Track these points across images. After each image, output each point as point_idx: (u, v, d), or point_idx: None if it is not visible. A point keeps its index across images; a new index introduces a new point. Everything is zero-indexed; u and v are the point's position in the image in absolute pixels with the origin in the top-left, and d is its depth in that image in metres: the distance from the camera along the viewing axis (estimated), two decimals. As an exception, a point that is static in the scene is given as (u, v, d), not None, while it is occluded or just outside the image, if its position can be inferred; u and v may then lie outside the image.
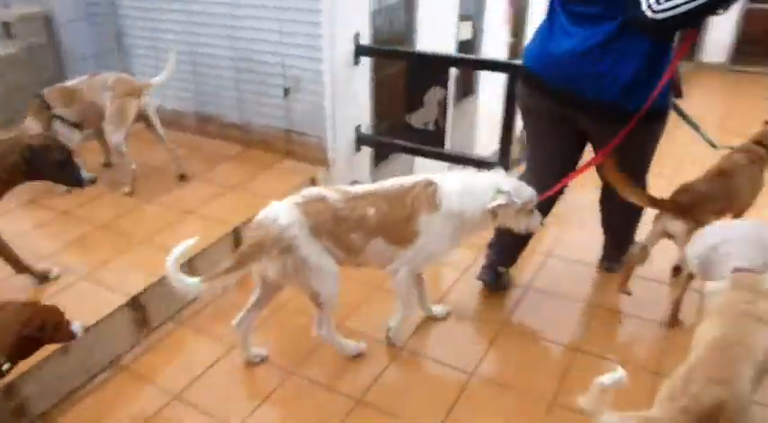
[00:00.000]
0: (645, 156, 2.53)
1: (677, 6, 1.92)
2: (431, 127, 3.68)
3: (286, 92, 3.71)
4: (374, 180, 4.30)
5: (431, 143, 3.74)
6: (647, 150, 2.50)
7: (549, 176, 2.53)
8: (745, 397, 1.52)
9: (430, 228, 2.25)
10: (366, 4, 3.74)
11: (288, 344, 2.59)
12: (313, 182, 3.65)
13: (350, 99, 3.76)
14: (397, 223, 2.23)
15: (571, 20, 2.23)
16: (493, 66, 3.78)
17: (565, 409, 2.23)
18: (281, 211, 2.15)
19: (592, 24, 2.17)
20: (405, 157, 4.56)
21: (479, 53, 5.43)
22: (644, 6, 1.97)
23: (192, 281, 2.06)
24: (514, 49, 6.41)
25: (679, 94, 2.47)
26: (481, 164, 3.56)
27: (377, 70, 4.01)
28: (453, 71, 3.70)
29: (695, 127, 2.62)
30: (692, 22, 2.04)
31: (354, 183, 2.72)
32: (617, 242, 2.92)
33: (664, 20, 1.96)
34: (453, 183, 2.28)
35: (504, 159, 3.48)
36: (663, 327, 2.62)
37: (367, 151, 4.16)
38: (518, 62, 2.77)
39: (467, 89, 5.73)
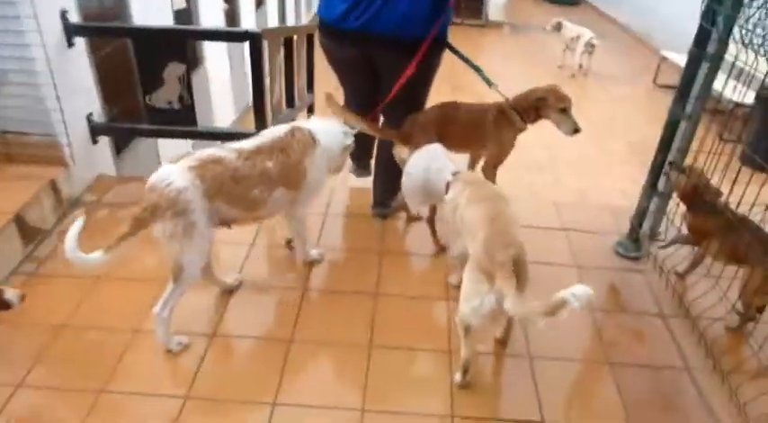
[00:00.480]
0: (426, 85, 2.95)
1: None
2: (175, 105, 3.45)
3: (-10, 87, 3.12)
4: (119, 171, 3.94)
5: (179, 122, 3.51)
6: (429, 79, 2.93)
7: (361, 107, 2.92)
8: (524, 249, 2.03)
9: (314, 164, 2.50)
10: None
11: (86, 365, 2.31)
12: (54, 186, 3.19)
13: (73, 86, 3.31)
14: (293, 168, 2.42)
15: None
16: (231, 36, 3.65)
17: (381, 348, 2.40)
18: (175, 175, 2.14)
19: None
20: (149, 141, 4.22)
21: (198, 22, 5.19)
22: None
23: (95, 256, 2.04)
24: (231, 16, 6.27)
25: None
26: (239, 136, 3.49)
27: (95, 51, 3.60)
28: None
29: (473, 66, 2.99)
30: None
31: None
32: (388, 186, 3.16)
33: None
34: (318, 125, 2.58)
35: (260, 127, 3.45)
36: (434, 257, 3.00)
37: (106, 141, 3.74)
38: (256, 30, 2.83)
39: (194, 61, 5.47)
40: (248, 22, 6.80)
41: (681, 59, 8.28)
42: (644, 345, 2.57)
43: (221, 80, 5.96)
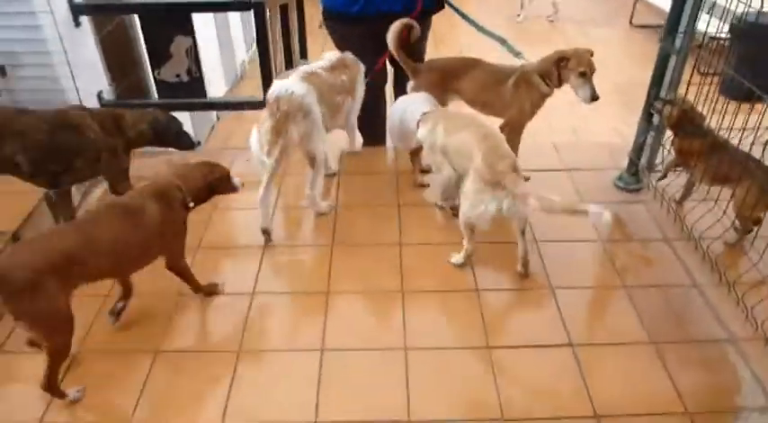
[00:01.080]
0: (418, 45, 3.36)
1: None
2: (185, 78, 3.54)
3: (2, 71, 3.18)
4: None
5: (189, 95, 3.60)
6: (420, 40, 3.32)
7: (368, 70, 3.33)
8: (516, 158, 2.50)
9: (360, 81, 3.19)
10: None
11: (140, 328, 2.46)
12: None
13: (83, 65, 3.39)
14: (353, 81, 3.08)
15: None
16: (232, 5, 3.71)
17: (413, 293, 2.61)
18: (294, 85, 2.66)
19: None
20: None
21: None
22: None
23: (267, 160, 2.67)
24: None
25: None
26: (247, 105, 3.59)
27: (99, 29, 3.64)
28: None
29: (497, 38, 3.32)
30: None
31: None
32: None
33: None
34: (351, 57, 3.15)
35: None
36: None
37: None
38: None
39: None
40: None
41: (656, -1, 8.43)
42: (653, 268, 2.80)
43: (211, 53, 5.98)
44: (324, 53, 3.13)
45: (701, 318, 2.51)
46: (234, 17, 6.61)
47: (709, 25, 2.92)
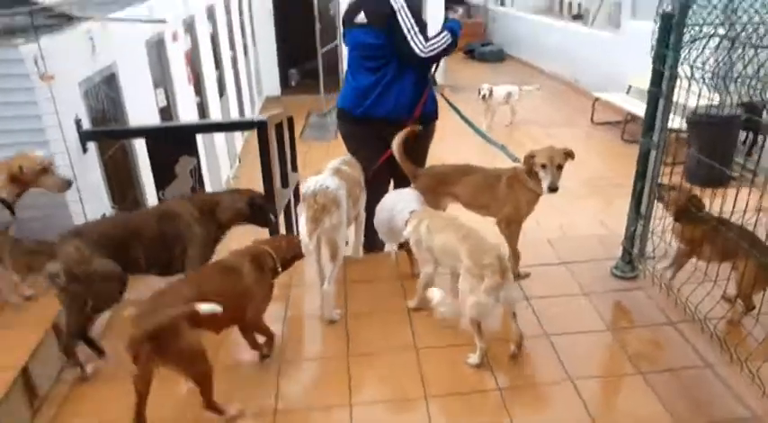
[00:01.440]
0: (420, 150, 3.62)
1: (436, 48, 3.29)
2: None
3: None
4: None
5: (192, 212, 3.68)
6: (421, 146, 3.61)
7: (369, 166, 3.57)
8: (499, 248, 2.71)
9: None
10: (76, 87, 3.50)
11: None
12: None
13: (90, 189, 3.47)
14: (360, 178, 3.40)
15: (365, 71, 3.45)
16: (239, 126, 3.91)
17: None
18: (327, 180, 2.98)
19: (377, 71, 3.42)
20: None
21: (177, 116, 5.42)
22: (417, 50, 3.27)
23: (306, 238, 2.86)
24: (201, 108, 6.55)
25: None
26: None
27: (102, 154, 3.78)
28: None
29: (497, 145, 3.56)
30: (445, 55, 3.36)
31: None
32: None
33: (430, 57, 3.30)
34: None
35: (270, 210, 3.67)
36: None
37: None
38: (263, 118, 3.21)
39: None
40: (215, 110, 7.10)
41: (612, 99, 9.08)
42: (664, 352, 2.86)
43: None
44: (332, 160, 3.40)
45: (720, 398, 2.55)
46: (219, 137, 6.86)
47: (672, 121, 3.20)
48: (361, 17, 3.37)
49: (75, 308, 2.68)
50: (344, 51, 11.89)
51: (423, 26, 3.30)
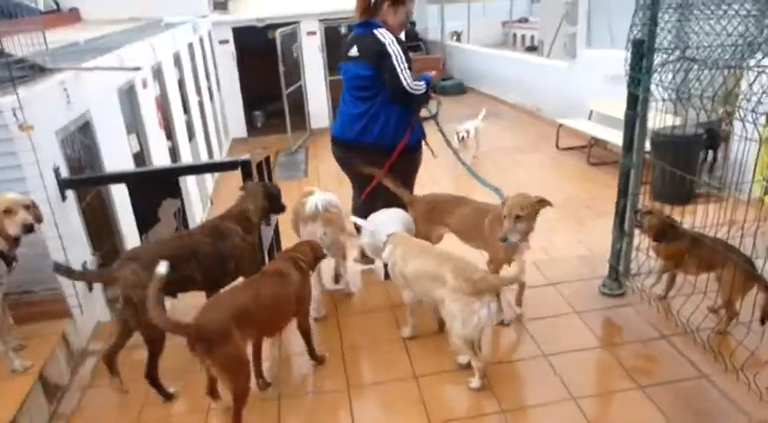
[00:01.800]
0: (408, 177, 3.76)
1: (417, 90, 3.53)
2: (172, 240, 3.59)
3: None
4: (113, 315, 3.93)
5: (177, 255, 3.63)
6: (409, 173, 3.78)
7: (357, 191, 3.92)
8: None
9: None
10: (53, 136, 3.46)
11: None
12: (65, 339, 3.20)
13: (70, 238, 3.39)
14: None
15: (355, 101, 3.66)
16: (222, 166, 3.89)
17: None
18: (329, 196, 3.44)
19: (366, 101, 3.61)
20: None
21: (151, 161, 5.38)
22: (404, 84, 3.47)
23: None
24: (173, 152, 6.51)
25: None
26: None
27: (80, 201, 3.71)
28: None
29: (490, 187, 3.61)
30: (418, 99, 3.63)
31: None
32: None
33: (411, 94, 3.52)
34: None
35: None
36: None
37: (98, 287, 3.76)
38: (246, 157, 3.26)
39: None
40: (185, 153, 7.07)
41: (575, 124, 9.35)
42: (660, 365, 2.90)
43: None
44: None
45: (719, 407, 2.60)
46: (191, 180, 6.80)
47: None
48: (354, 51, 3.60)
49: (125, 332, 2.83)
50: (308, 91, 12.06)
51: (410, 63, 3.53)
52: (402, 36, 3.70)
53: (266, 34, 11.67)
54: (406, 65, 3.48)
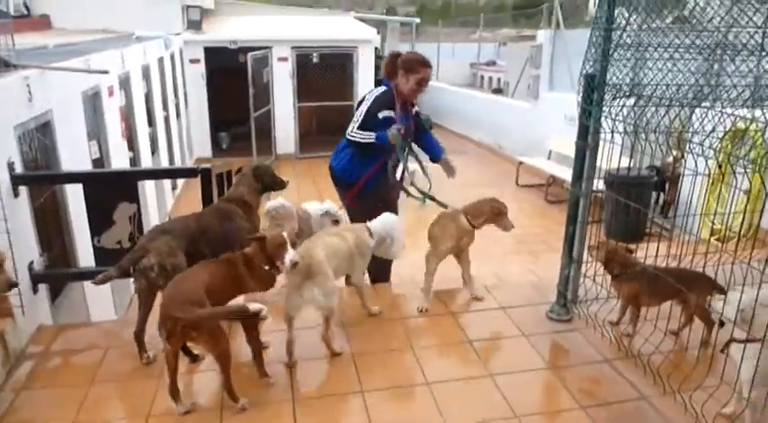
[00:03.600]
0: (359, 211, 3.94)
1: (356, 138, 3.84)
2: (126, 244, 3.54)
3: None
4: (55, 318, 3.83)
5: (129, 260, 3.57)
6: (362, 207, 3.95)
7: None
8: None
9: None
10: (11, 130, 3.41)
11: None
12: (2, 339, 3.10)
13: (19, 235, 3.32)
14: None
15: None
16: (182, 173, 3.88)
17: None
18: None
19: None
20: (77, 286, 4.18)
21: (111, 167, 5.30)
22: (347, 130, 3.88)
23: None
24: (134, 163, 6.44)
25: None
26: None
27: (33, 199, 3.65)
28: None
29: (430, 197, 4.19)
30: (365, 147, 3.85)
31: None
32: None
33: (352, 141, 3.86)
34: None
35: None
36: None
37: (43, 289, 3.68)
38: (207, 166, 3.28)
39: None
40: (147, 166, 6.98)
41: (535, 162, 9.62)
42: (603, 387, 2.97)
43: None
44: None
45: (657, 428, 2.67)
46: (150, 193, 6.73)
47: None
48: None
49: (150, 302, 3.05)
50: (276, 116, 12.12)
51: (367, 120, 3.85)
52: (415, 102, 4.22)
53: (238, 57, 11.76)
54: (359, 119, 3.84)
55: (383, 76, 4.05)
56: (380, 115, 3.83)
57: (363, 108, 3.88)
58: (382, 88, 3.99)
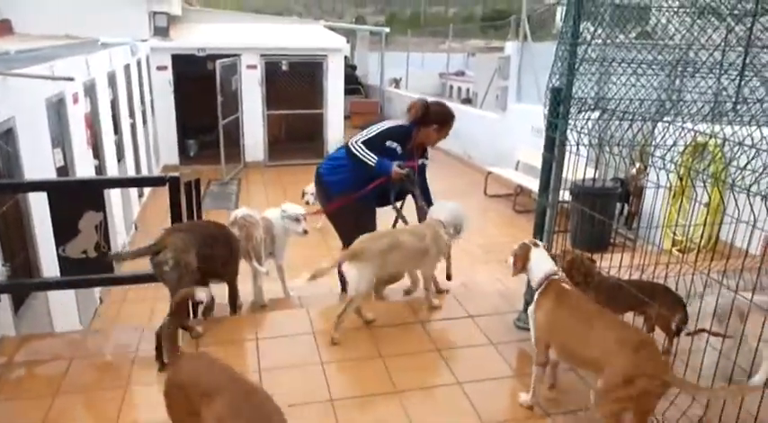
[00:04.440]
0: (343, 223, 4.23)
1: (359, 153, 3.94)
2: (92, 254, 3.47)
3: None
4: (18, 329, 3.75)
5: (96, 270, 3.52)
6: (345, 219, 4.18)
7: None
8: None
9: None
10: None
11: None
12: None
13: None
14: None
15: None
16: (149, 181, 3.83)
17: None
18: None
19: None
20: (41, 296, 4.08)
21: (75, 175, 5.21)
22: (352, 140, 3.95)
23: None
24: (99, 171, 6.33)
25: None
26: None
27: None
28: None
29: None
30: (362, 163, 3.95)
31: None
32: None
33: (350, 150, 3.96)
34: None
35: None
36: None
37: (5, 299, 3.59)
38: (175, 175, 3.27)
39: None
40: (113, 174, 6.86)
41: (503, 173, 9.75)
42: (568, 394, 3.03)
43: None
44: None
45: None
46: (116, 203, 6.61)
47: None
48: None
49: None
50: (245, 123, 12.05)
51: (375, 140, 4.00)
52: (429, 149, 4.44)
53: (206, 64, 11.66)
54: (366, 137, 3.98)
55: (409, 120, 4.15)
56: (387, 143, 4.02)
57: (377, 128, 4.06)
58: (406, 125, 4.14)
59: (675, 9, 2.91)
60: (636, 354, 2.35)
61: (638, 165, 6.73)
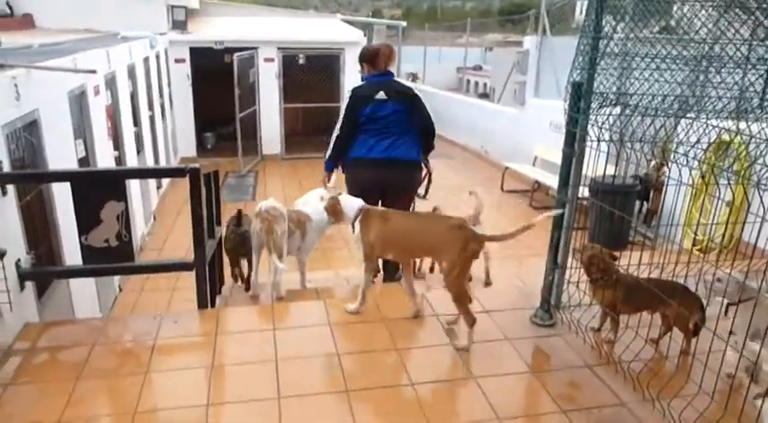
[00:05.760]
0: None
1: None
2: (113, 243, 3.52)
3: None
4: (42, 316, 3.81)
5: (117, 259, 3.57)
6: None
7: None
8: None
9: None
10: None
11: None
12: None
13: (5, 234, 3.31)
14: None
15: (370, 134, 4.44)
16: (170, 172, 3.87)
17: None
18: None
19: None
20: (63, 283, 4.16)
21: (96, 166, 5.28)
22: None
23: None
24: (119, 162, 6.41)
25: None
26: (179, 267, 3.64)
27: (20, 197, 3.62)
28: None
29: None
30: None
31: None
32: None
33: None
34: None
35: (199, 259, 3.64)
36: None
37: (29, 286, 3.65)
38: (195, 166, 3.28)
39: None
40: (132, 165, 6.94)
41: (520, 168, 9.70)
42: (582, 392, 3.02)
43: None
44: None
45: (635, 433, 2.73)
46: (135, 194, 6.69)
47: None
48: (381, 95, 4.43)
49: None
50: (262, 116, 12.10)
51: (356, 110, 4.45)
52: None
53: (224, 57, 11.72)
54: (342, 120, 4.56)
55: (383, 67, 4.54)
56: (372, 100, 4.41)
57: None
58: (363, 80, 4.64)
59: (702, 2, 2.87)
60: (462, 230, 3.25)
61: (655, 161, 6.66)
